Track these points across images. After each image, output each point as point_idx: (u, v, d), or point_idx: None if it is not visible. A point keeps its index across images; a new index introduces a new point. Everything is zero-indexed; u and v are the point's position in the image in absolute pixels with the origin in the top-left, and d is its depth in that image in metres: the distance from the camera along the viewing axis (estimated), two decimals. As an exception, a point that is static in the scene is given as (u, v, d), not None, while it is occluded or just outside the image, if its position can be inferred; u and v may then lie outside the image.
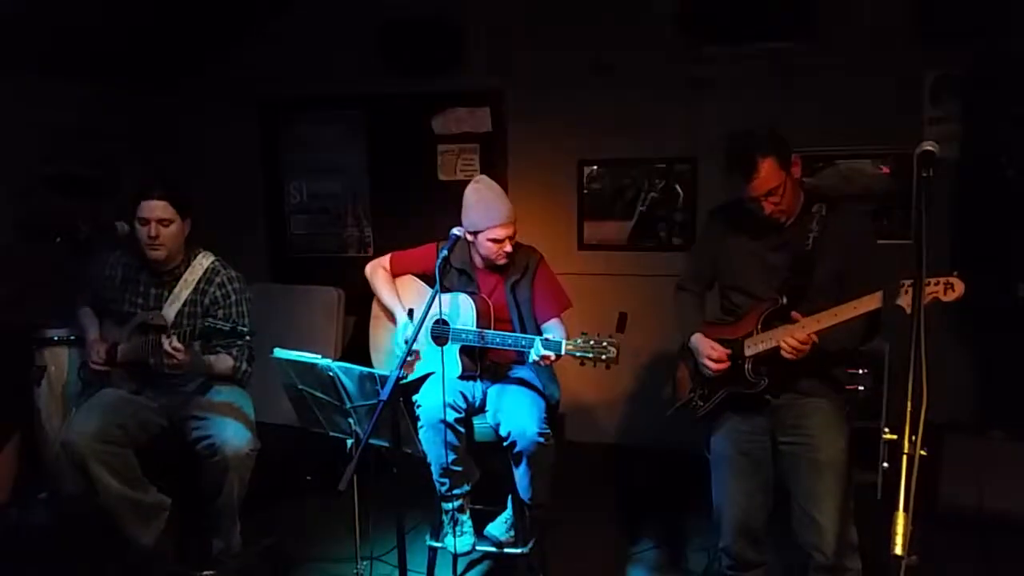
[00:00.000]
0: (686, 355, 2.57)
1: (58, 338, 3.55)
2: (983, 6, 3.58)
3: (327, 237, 4.99)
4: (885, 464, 1.59)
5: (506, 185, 4.20)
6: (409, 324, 2.81)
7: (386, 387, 2.23)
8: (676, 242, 4.34)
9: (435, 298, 2.55)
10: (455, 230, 2.79)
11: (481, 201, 2.78)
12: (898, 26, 3.80)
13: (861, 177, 3.99)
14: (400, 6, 4.44)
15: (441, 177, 4.67)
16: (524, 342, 2.64)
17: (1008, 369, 3.68)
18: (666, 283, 2.76)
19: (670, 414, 2.63)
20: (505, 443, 2.68)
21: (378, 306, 3.05)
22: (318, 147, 4.91)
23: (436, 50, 4.43)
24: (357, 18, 4.61)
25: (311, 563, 3.17)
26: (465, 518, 2.87)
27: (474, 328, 2.75)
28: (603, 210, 4.45)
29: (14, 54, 3.68)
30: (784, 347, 2.19)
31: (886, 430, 1.64)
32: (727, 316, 2.51)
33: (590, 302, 3.44)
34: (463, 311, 2.80)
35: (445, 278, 2.83)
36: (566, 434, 4.27)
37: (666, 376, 2.68)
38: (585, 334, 2.52)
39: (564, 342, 2.51)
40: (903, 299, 1.98)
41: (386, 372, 2.30)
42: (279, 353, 2.54)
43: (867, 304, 2.08)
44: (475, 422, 2.85)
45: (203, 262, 2.96)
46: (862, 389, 3.35)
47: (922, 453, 1.52)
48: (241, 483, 2.79)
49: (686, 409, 2.55)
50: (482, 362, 2.87)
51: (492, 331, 2.74)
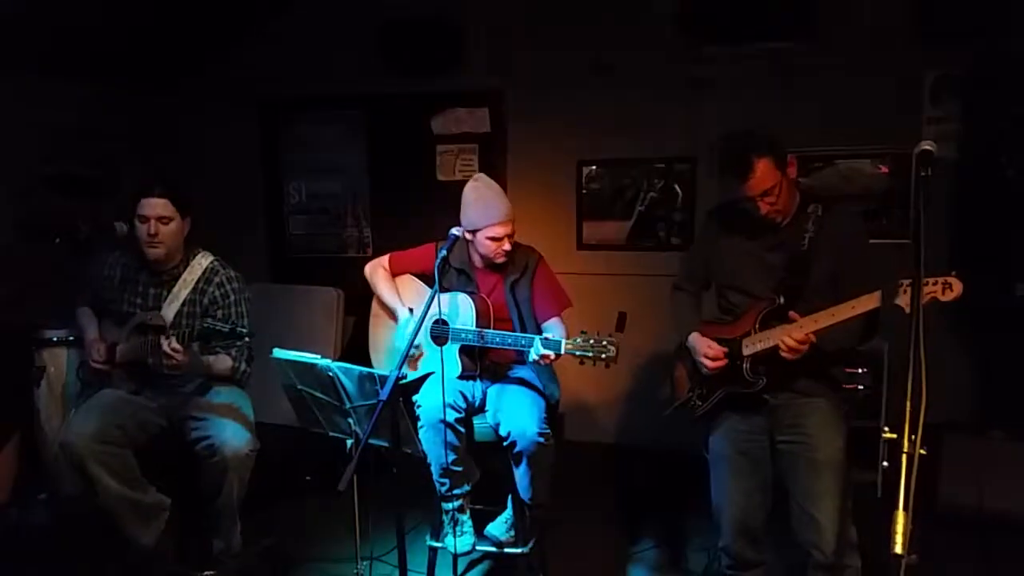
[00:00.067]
0: (683, 355, 2.57)
1: (57, 339, 3.55)
2: (983, 6, 3.58)
3: (327, 237, 4.99)
4: (885, 463, 1.59)
5: (505, 185, 4.20)
6: (411, 319, 2.81)
7: (386, 387, 2.23)
8: (675, 242, 4.34)
9: (434, 298, 2.55)
10: (454, 230, 2.79)
11: (480, 199, 2.78)
12: (898, 26, 3.80)
13: (860, 177, 3.99)
14: (400, 6, 4.44)
15: (440, 177, 4.67)
16: (524, 341, 2.64)
17: (1007, 369, 3.68)
18: (665, 283, 2.76)
19: (668, 414, 2.64)
20: (505, 443, 2.68)
21: (378, 305, 3.05)
22: (318, 147, 4.91)
23: (436, 50, 4.44)
24: (357, 18, 4.61)
25: (311, 563, 3.17)
26: (465, 518, 2.87)
27: (474, 328, 2.75)
28: (602, 210, 4.45)
29: (14, 54, 3.68)
30: (782, 347, 2.20)
31: (886, 429, 1.64)
32: (724, 316, 2.51)
33: (589, 302, 3.44)
34: (462, 311, 2.80)
35: (444, 278, 2.83)
36: (566, 434, 4.27)
37: (664, 376, 2.69)
38: (585, 333, 2.51)
39: (564, 341, 2.51)
40: (901, 299, 1.98)
41: (386, 372, 2.30)
42: (278, 353, 2.54)
43: (865, 304, 2.08)
44: (475, 422, 2.85)
45: (202, 262, 2.96)
46: (861, 388, 3.36)
47: (922, 452, 1.53)
48: (241, 483, 2.78)
49: (684, 409, 2.56)
50: (482, 362, 2.87)
51: (492, 331, 2.74)
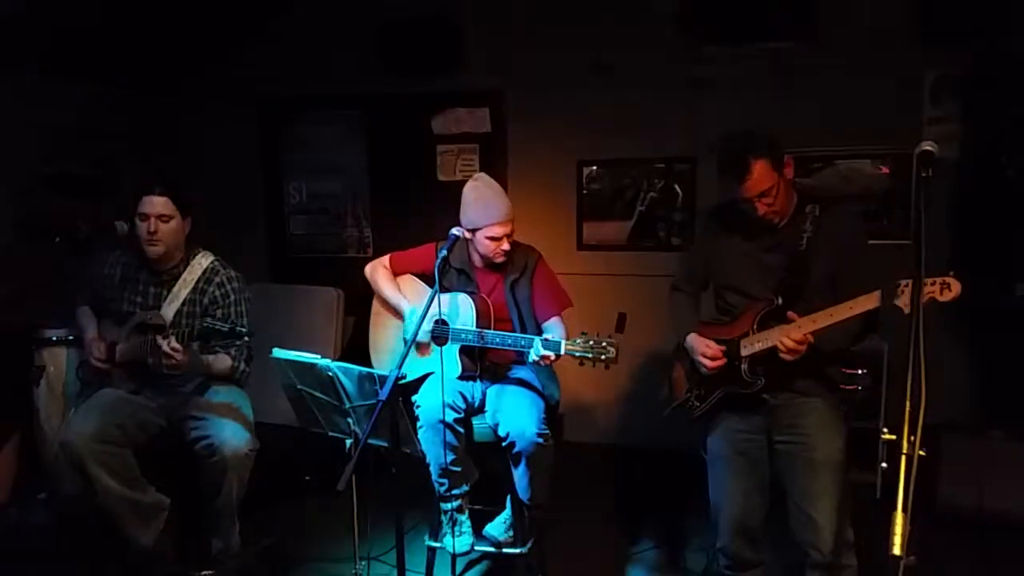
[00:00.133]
0: (681, 355, 2.57)
1: (57, 338, 3.55)
2: (983, 6, 3.58)
3: (327, 237, 4.99)
4: (884, 464, 1.59)
5: (506, 185, 4.20)
6: (416, 311, 2.80)
7: (385, 387, 2.23)
8: (675, 242, 4.33)
9: (434, 298, 2.55)
10: (454, 230, 2.79)
11: (480, 199, 2.78)
12: (898, 26, 3.80)
13: (860, 177, 3.99)
14: (400, 6, 4.44)
15: (441, 177, 4.67)
16: (524, 342, 2.64)
17: (1007, 369, 3.67)
18: (665, 283, 2.76)
19: (667, 414, 2.64)
20: (504, 443, 2.68)
21: (379, 304, 3.05)
22: (318, 147, 4.91)
23: (436, 50, 4.43)
24: (357, 18, 4.61)
25: (310, 563, 3.17)
26: (464, 518, 2.87)
27: (474, 328, 2.75)
28: (603, 210, 4.45)
29: (14, 54, 3.68)
30: (781, 348, 2.20)
31: (885, 430, 1.64)
32: (722, 316, 2.51)
33: (589, 302, 3.44)
34: (463, 311, 2.80)
35: (444, 278, 2.83)
36: (565, 434, 4.27)
37: (663, 376, 2.69)
38: (584, 334, 2.51)
39: (563, 342, 2.51)
40: (900, 299, 1.98)
41: (385, 372, 2.30)
42: (278, 353, 2.54)
43: (863, 304, 2.08)
44: (474, 422, 2.85)
45: (202, 262, 2.96)
46: (860, 389, 3.36)
47: (921, 453, 1.53)
48: (240, 483, 2.78)
49: (683, 409, 2.56)
50: (482, 362, 2.87)
51: (492, 331, 2.74)
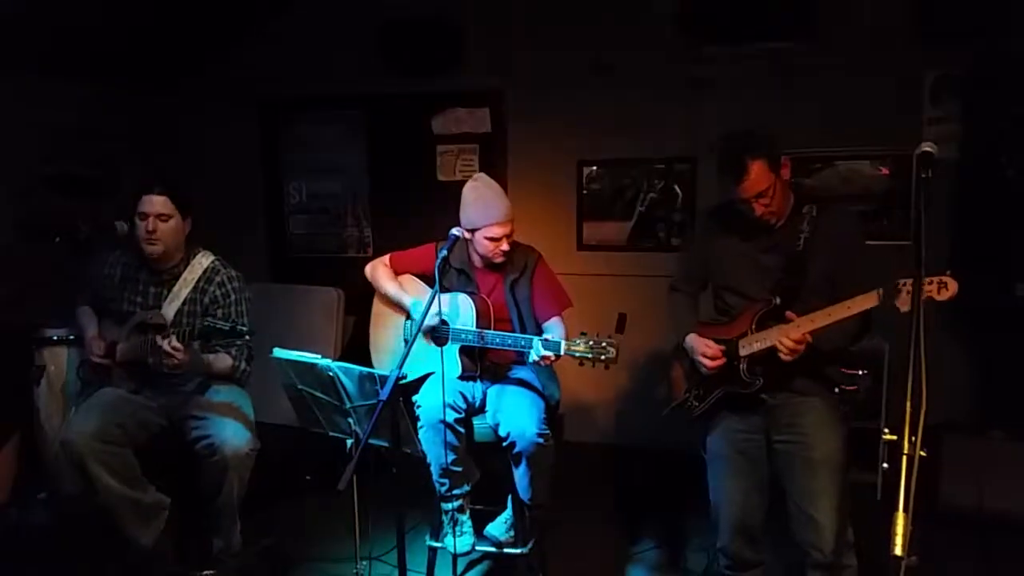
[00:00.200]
0: (680, 355, 2.58)
1: (57, 338, 3.54)
2: (983, 6, 3.57)
3: (327, 237, 4.99)
4: (885, 465, 1.59)
5: (506, 185, 4.20)
6: (419, 303, 2.79)
7: (386, 387, 2.23)
8: (675, 242, 4.33)
9: (434, 298, 2.55)
10: (454, 230, 2.79)
11: (479, 199, 2.78)
12: (898, 26, 3.80)
13: (860, 178, 3.98)
14: (400, 6, 4.44)
15: (440, 177, 4.67)
16: (524, 342, 2.64)
17: (1007, 369, 3.68)
18: (665, 284, 2.76)
19: (666, 414, 2.64)
20: (504, 443, 2.68)
21: (379, 304, 3.05)
22: (318, 147, 4.91)
23: (436, 50, 4.43)
24: (357, 18, 4.61)
25: (310, 563, 3.17)
26: (465, 518, 2.87)
27: (474, 328, 2.75)
28: (602, 210, 4.45)
29: (14, 54, 3.68)
30: (780, 348, 2.20)
31: (886, 431, 1.64)
32: (721, 316, 2.52)
33: (589, 302, 3.44)
34: (463, 311, 2.80)
35: (444, 278, 2.83)
36: (565, 434, 4.27)
37: (663, 376, 2.69)
38: (584, 334, 2.51)
39: (563, 342, 2.51)
40: (897, 298, 1.98)
41: (386, 372, 2.30)
42: (279, 353, 2.54)
43: (861, 303, 2.08)
44: (475, 422, 2.85)
45: (203, 261, 2.96)
46: (860, 390, 3.37)
47: (922, 454, 1.53)
48: (240, 483, 2.79)
49: (682, 409, 2.56)
50: (482, 362, 2.87)
51: (492, 331, 2.74)
